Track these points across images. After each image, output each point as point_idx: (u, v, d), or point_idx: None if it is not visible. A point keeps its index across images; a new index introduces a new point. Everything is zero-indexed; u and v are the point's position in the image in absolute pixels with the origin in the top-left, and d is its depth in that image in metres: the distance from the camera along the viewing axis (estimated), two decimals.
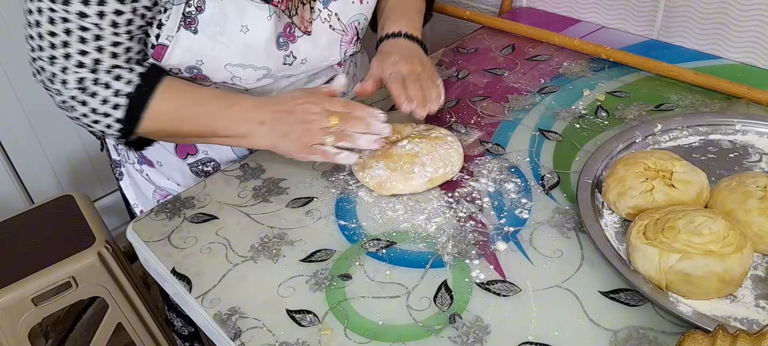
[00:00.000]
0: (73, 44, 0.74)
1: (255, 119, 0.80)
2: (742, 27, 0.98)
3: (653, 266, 0.60)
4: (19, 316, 1.10)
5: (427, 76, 0.87)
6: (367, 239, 0.73)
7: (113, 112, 0.78)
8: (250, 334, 0.63)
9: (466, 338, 0.60)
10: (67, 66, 0.76)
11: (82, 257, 1.13)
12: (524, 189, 0.78)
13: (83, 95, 0.77)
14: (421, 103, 0.83)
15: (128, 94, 0.78)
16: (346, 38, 0.93)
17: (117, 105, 0.78)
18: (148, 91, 0.79)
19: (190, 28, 0.79)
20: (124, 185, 1.08)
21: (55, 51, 0.75)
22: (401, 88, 0.84)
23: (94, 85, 0.77)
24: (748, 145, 0.80)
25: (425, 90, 0.85)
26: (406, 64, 0.88)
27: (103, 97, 0.77)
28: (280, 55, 0.86)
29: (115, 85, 0.77)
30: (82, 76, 0.77)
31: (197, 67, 0.83)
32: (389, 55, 0.90)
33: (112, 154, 1.07)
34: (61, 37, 0.74)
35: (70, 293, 1.13)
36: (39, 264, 1.11)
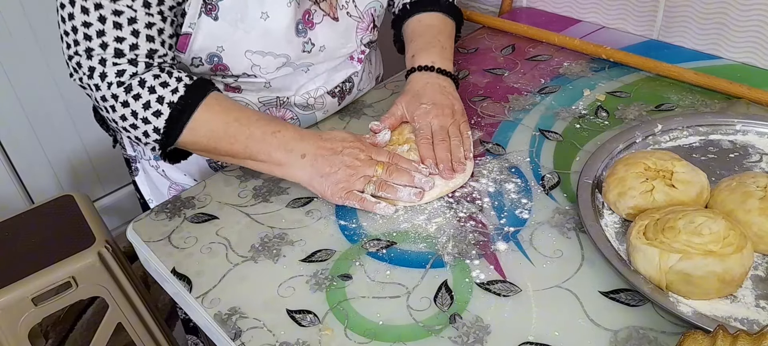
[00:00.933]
0: (108, 32, 0.74)
1: (297, 150, 0.78)
2: (742, 27, 0.98)
3: (653, 266, 0.60)
4: (19, 316, 1.10)
5: (456, 130, 0.84)
6: (368, 239, 0.73)
7: (154, 120, 0.77)
8: (250, 334, 0.63)
9: (466, 338, 0.60)
10: (105, 57, 0.75)
11: (82, 257, 1.13)
12: (524, 189, 0.78)
13: (126, 96, 0.76)
14: (448, 168, 0.79)
15: (171, 103, 0.77)
16: (363, 25, 0.93)
17: (159, 112, 0.77)
18: (192, 103, 0.77)
19: (211, 15, 0.79)
20: (139, 181, 1.09)
21: (91, 43, 0.74)
22: (429, 149, 0.82)
23: (139, 86, 0.76)
24: (749, 146, 0.80)
25: (453, 149, 0.81)
26: (438, 116, 0.85)
27: (145, 100, 0.76)
28: (299, 42, 0.86)
29: (159, 90, 0.76)
30: (122, 69, 0.75)
31: (217, 54, 0.83)
32: (419, 99, 0.87)
33: (128, 150, 1.08)
34: (95, 27, 0.73)
35: (70, 293, 1.13)
36: (39, 264, 1.11)
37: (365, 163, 0.78)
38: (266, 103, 0.93)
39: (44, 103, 1.69)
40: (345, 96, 1.00)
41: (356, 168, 0.77)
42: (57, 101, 1.70)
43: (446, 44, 0.96)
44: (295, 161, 0.78)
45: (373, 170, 0.78)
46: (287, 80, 0.92)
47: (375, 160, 0.79)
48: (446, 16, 1.00)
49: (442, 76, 0.91)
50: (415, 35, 0.97)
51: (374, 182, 0.77)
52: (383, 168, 0.78)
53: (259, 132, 0.79)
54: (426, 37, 0.96)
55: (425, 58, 0.93)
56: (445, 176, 0.79)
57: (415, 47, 0.95)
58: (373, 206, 0.76)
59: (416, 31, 0.97)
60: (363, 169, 0.77)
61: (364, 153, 0.79)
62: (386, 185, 0.77)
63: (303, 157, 0.78)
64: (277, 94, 0.93)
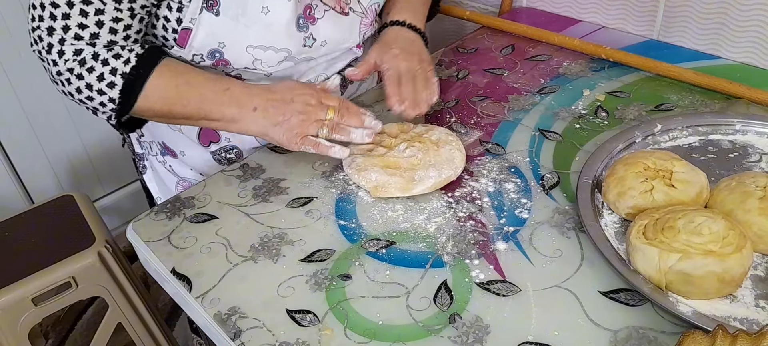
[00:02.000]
0: (73, 16, 0.75)
1: (248, 104, 0.81)
2: (742, 27, 0.98)
3: (653, 266, 0.60)
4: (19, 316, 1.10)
5: (423, 75, 0.89)
6: (367, 239, 0.73)
7: (108, 91, 0.79)
8: (250, 334, 0.63)
9: (466, 338, 0.60)
10: (65, 37, 0.76)
11: (82, 257, 1.13)
12: (524, 189, 0.78)
13: (80, 68, 0.78)
14: (412, 104, 0.85)
15: (123, 74, 0.78)
16: (366, 21, 0.94)
17: (112, 83, 0.78)
18: (144, 72, 0.79)
19: (212, 10, 0.80)
20: (147, 178, 1.10)
21: (54, 23, 0.76)
22: (395, 87, 0.86)
23: (93, 59, 0.78)
24: (748, 145, 0.80)
25: (418, 91, 0.87)
26: (405, 59, 0.89)
27: (99, 73, 0.78)
28: (300, 36, 0.87)
29: (112, 62, 0.78)
30: (79, 49, 0.77)
31: (219, 50, 0.84)
32: (389, 46, 0.91)
33: (136, 148, 1.08)
34: (62, 9, 0.75)
35: (70, 293, 1.13)
36: (39, 264, 1.11)
37: (317, 108, 0.80)
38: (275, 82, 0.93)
39: (44, 103, 1.69)
40: (347, 85, 1.00)
41: (308, 113, 0.80)
42: (57, 101, 1.70)
43: (419, 9, 1.01)
44: (247, 115, 0.81)
45: (325, 114, 0.80)
46: (288, 71, 0.93)
47: (326, 104, 0.81)
48: None
49: (412, 31, 0.96)
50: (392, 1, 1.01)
51: (327, 125, 0.80)
52: (334, 112, 0.81)
53: (210, 91, 0.81)
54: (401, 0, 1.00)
55: (398, 15, 0.98)
56: (410, 113, 0.84)
57: (389, 6, 1.00)
58: (328, 150, 0.80)
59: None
60: (315, 113, 0.80)
61: (314, 98, 0.81)
62: (339, 127, 0.80)
63: (254, 110, 0.80)
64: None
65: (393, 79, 0.88)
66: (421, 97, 0.87)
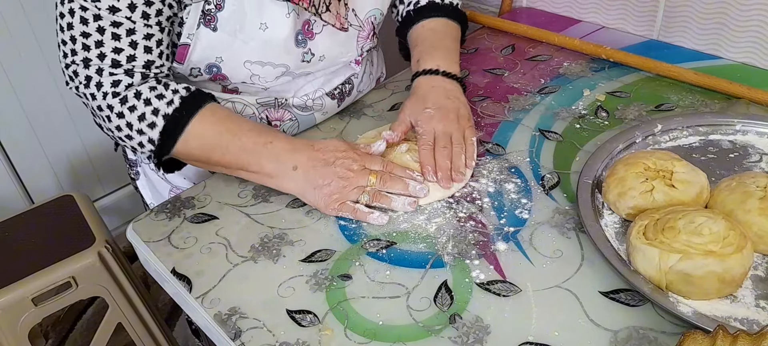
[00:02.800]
0: (106, 42, 0.74)
1: (288, 162, 0.78)
2: (742, 27, 0.98)
3: (653, 267, 0.60)
4: (19, 316, 1.10)
5: (459, 136, 0.83)
6: (367, 239, 0.73)
7: (148, 131, 0.77)
8: (250, 334, 0.63)
9: (466, 339, 0.60)
10: (102, 67, 0.75)
11: (82, 257, 1.13)
12: (524, 189, 0.78)
13: (121, 106, 0.77)
14: (445, 177, 0.78)
15: (165, 115, 0.77)
16: (363, 34, 0.93)
17: (153, 124, 0.77)
18: (187, 115, 0.77)
19: (210, 26, 0.79)
20: (140, 185, 1.09)
21: (88, 53, 0.75)
22: (430, 155, 0.80)
23: (135, 98, 0.77)
24: (748, 146, 0.80)
25: (454, 157, 0.80)
26: (441, 119, 0.83)
27: (141, 112, 0.77)
28: (298, 52, 0.86)
29: (155, 102, 0.77)
30: (117, 79, 0.76)
31: (216, 65, 0.83)
32: (424, 103, 0.86)
33: (129, 154, 1.08)
34: (94, 37, 0.74)
35: (70, 293, 1.13)
36: (39, 264, 1.11)
37: (358, 174, 0.77)
38: (265, 105, 0.93)
39: (44, 103, 1.69)
40: (344, 97, 0.99)
41: (349, 179, 0.76)
42: (57, 101, 1.70)
43: (452, 47, 0.95)
44: (287, 173, 0.78)
45: (367, 180, 0.77)
46: (286, 85, 0.92)
47: (368, 169, 0.78)
48: (450, 20, 0.99)
49: (448, 80, 0.90)
50: (420, 40, 0.96)
51: (368, 192, 0.76)
52: (377, 177, 0.77)
53: (251, 143, 0.78)
54: (430, 40, 0.95)
55: (430, 62, 0.91)
56: (443, 185, 0.78)
57: (419, 52, 0.94)
58: (366, 216, 0.75)
59: (421, 36, 0.97)
60: (356, 179, 0.76)
61: (357, 163, 0.77)
62: (380, 195, 0.76)
63: (295, 169, 0.78)
64: (276, 96, 0.93)
65: (427, 144, 0.81)
66: (457, 164, 0.80)
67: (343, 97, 0.99)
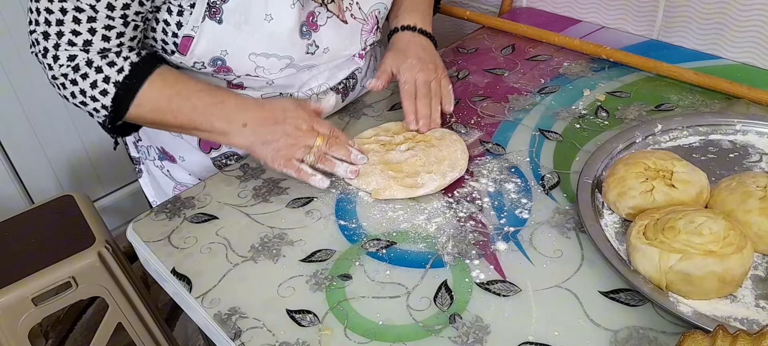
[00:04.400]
0: (66, 23, 0.76)
1: (238, 119, 0.81)
2: (742, 27, 0.98)
3: (653, 266, 0.60)
4: (19, 316, 1.10)
5: (437, 84, 0.91)
6: (367, 239, 0.73)
7: (101, 98, 0.79)
8: (250, 334, 0.63)
9: (466, 338, 0.60)
10: (59, 43, 0.77)
11: (82, 257, 1.13)
12: (524, 189, 0.78)
13: (74, 74, 0.78)
14: (427, 122, 0.86)
15: (116, 83, 0.79)
16: (367, 27, 0.94)
17: (105, 91, 0.79)
18: (137, 82, 0.79)
19: (215, 18, 0.80)
20: (143, 182, 1.09)
21: (49, 28, 0.76)
22: (412, 102, 0.88)
23: (86, 66, 0.78)
24: (748, 146, 0.80)
25: (435, 106, 0.88)
26: (422, 69, 0.90)
27: (92, 80, 0.79)
28: (303, 44, 0.86)
29: (106, 70, 0.79)
30: (73, 54, 0.78)
31: (221, 58, 0.83)
32: (405, 54, 0.92)
33: (131, 152, 1.08)
34: (56, 15, 0.75)
35: (70, 293, 1.13)
36: (39, 264, 1.11)
37: (306, 134, 0.80)
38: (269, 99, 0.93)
39: (44, 103, 1.69)
40: (348, 92, 1.00)
41: (297, 138, 0.80)
42: (57, 101, 1.70)
43: (427, 11, 1.02)
44: (237, 130, 0.81)
45: (313, 141, 0.80)
46: (291, 78, 0.92)
47: (316, 130, 0.81)
48: None
49: (423, 36, 0.97)
50: (398, 3, 1.01)
51: (314, 152, 0.80)
52: (323, 140, 0.80)
53: (201, 104, 0.81)
54: (408, 2, 1.01)
55: (408, 19, 0.98)
56: (423, 130, 0.86)
57: (396, 9, 1.00)
58: (308, 177, 0.80)
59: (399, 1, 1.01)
60: (303, 139, 0.80)
61: (306, 123, 0.81)
62: (325, 158, 0.81)
63: (244, 126, 0.81)
64: (281, 90, 0.94)
65: (410, 93, 0.88)
66: (435, 114, 0.88)
67: (347, 92, 1.00)
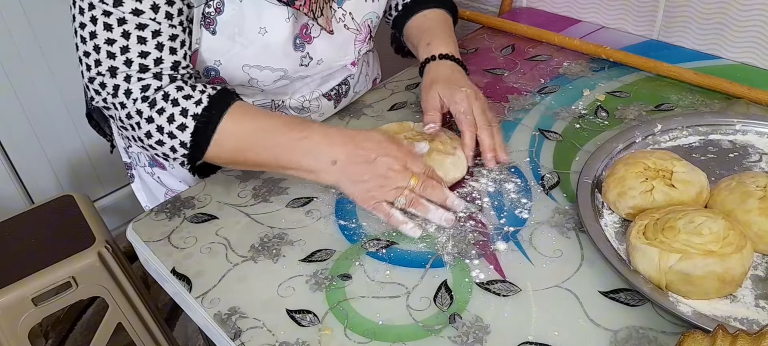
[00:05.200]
0: (132, 47, 0.73)
1: (327, 157, 0.74)
2: (742, 27, 0.98)
3: (653, 266, 0.60)
4: (19, 316, 1.10)
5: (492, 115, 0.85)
6: (367, 239, 0.73)
7: (179, 134, 0.75)
8: (250, 334, 0.63)
9: (466, 338, 0.60)
10: (130, 74, 0.74)
11: (82, 257, 1.13)
12: (524, 189, 0.78)
13: (150, 111, 0.75)
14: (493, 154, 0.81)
15: (195, 115, 0.75)
16: (360, 37, 0.93)
17: (184, 126, 0.75)
18: (216, 114, 0.75)
19: (209, 29, 0.79)
20: (135, 188, 1.08)
21: (114, 61, 0.73)
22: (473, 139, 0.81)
23: (163, 100, 0.75)
24: (748, 145, 0.80)
25: (496, 136, 0.82)
26: (476, 99, 0.84)
27: (170, 113, 0.74)
28: (297, 56, 0.85)
29: (183, 103, 0.75)
30: (146, 84, 0.74)
31: (215, 68, 0.82)
32: (456, 83, 0.85)
33: (123, 157, 1.08)
34: (119, 43, 0.72)
35: (70, 293, 1.13)
36: (39, 264, 1.11)
37: (399, 174, 0.73)
38: (261, 107, 0.92)
39: (44, 103, 1.69)
40: (341, 99, 0.99)
41: (389, 179, 0.73)
42: (57, 101, 1.70)
43: (454, 38, 0.97)
44: (326, 168, 0.75)
45: (407, 182, 0.73)
46: (283, 87, 0.92)
47: (410, 170, 0.74)
48: (445, 11, 1.02)
49: (457, 65, 0.91)
50: (425, 28, 0.97)
51: (406, 195, 0.73)
52: (417, 180, 0.73)
53: (285, 139, 0.75)
54: (436, 29, 0.96)
55: (443, 48, 0.92)
56: (489, 165, 0.80)
57: (429, 37, 0.94)
58: (400, 225, 0.73)
59: (425, 25, 0.97)
60: (396, 180, 0.73)
61: (399, 163, 0.74)
62: (418, 201, 0.73)
63: (334, 163, 0.74)
64: (272, 98, 0.93)
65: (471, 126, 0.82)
66: (499, 142, 0.82)
67: (340, 98, 0.99)
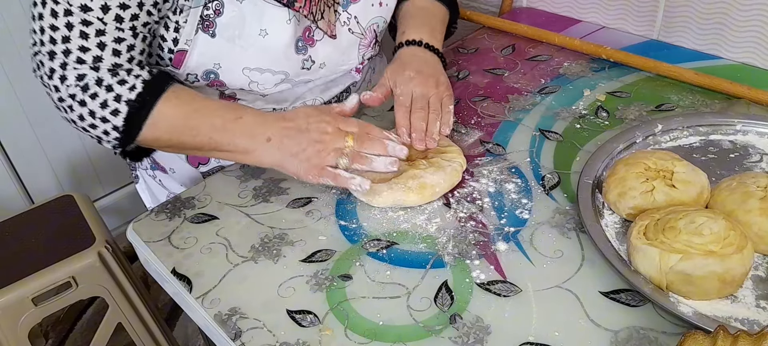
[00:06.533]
0: (73, 39, 0.72)
1: (261, 135, 0.76)
2: (742, 27, 0.98)
3: (654, 267, 0.60)
4: (19, 316, 1.10)
5: (437, 101, 0.84)
6: (368, 240, 0.73)
7: (112, 118, 0.75)
8: (250, 334, 0.63)
9: (466, 339, 0.60)
10: (67, 62, 0.73)
11: (82, 257, 1.13)
12: (525, 189, 0.78)
13: (83, 94, 0.74)
14: (419, 137, 0.80)
15: (128, 101, 0.74)
16: (365, 42, 0.92)
17: (117, 111, 0.75)
18: (151, 99, 0.75)
19: (208, 32, 0.77)
20: (139, 188, 1.08)
21: (55, 46, 0.73)
22: (405, 117, 0.82)
23: (96, 85, 0.74)
24: (749, 146, 0.80)
25: (430, 122, 0.81)
26: (421, 83, 0.84)
27: (103, 99, 0.74)
28: (298, 59, 0.84)
29: (117, 88, 0.74)
30: (82, 73, 0.74)
31: (214, 71, 0.81)
32: (405, 68, 0.86)
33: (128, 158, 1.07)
34: (61, 32, 0.72)
35: (70, 293, 1.13)
36: (39, 264, 1.11)
37: (334, 136, 0.75)
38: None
39: (44, 103, 1.68)
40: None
41: (325, 142, 0.75)
42: None
43: (437, 27, 0.96)
44: (261, 146, 0.76)
45: (344, 142, 0.75)
46: (285, 93, 0.91)
47: (344, 131, 0.76)
48: (441, 3, 1.00)
49: (429, 52, 0.91)
50: (408, 16, 0.96)
51: (346, 154, 0.75)
52: (353, 139, 0.75)
53: (220, 121, 0.76)
54: (418, 17, 0.96)
55: (414, 34, 0.92)
56: (416, 146, 0.79)
57: (405, 25, 0.95)
58: (348, 181, 0.74)
59: (409, 12, 0.97)
60: (333, 142, 0.75)
61: (331, 126, 0.76)
62: (359, 156, 0.75)
63: (268, 140, 0.76)
64: (274, 105, 0.92)
65: (403, 105, 0.82)
66: (431, 129, 0.80)
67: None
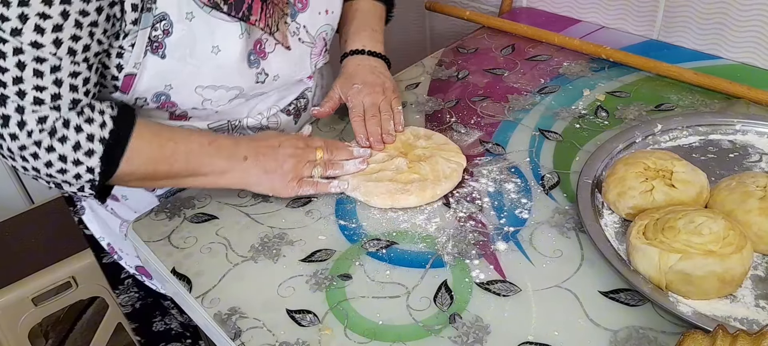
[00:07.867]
0: (27, 79, 0.65)
1: (237, 154, 0.78)
2: (742, 27, 0.98)
3: (653, 266, 0.60)
4: (19, 316, 1.10)
5: (386, 106, 0.90)
6: (367, 239, 0.73)
7: (86, 160, 0.70)
8: (250, 334, 0.63)
9: (466, 338, 0.60)
10: (23, 105, 0.66)
11: (82, 257, 1.13)
12: (524, 189, 0.78)
13: (51, 139, 0.68)
14: (376, 141, 0.86)
15: (102, 139, 0.70)
16: (316, 50, 0.91)
17: (91, 151, 0.70)
18: (124, 134, 0.72)
19: (158, 53, 0.74)
20: (86, 219, 1.02)
21: (5, 89, 0.65)
22: (361, 125, 0.88)
23: (64, 127, 0.68)
24: (748, 146, 0.80)
25: (384, 124, 0.88)
26: (368, 93, 0.91)
27: (74, 141, 0.69)
28: (252, 73, 0.83)
29: (87, 128, 0.70)
30: (43, 116, 0.67)
31: (165, 93, 0.78)
32: (352, 79, 0.93)
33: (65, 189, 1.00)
34: (12, 73, 0.64)
35: (70, 293, 1.13)
36: (39, 264, 1.11)
37: (306, 150, 0.81)
38: (218, 129, 0.89)
39: None
40: (300, 113, 0.96)
41: (299, 156, 0.80)
42: None
43: (376, 28, 1.01)
44: (238, 165, 0.78)
45: (315, 154, 0.81)
46: (239, 106, 0.88)
47: (313, 146, 0.82)
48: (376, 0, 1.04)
49: (373, 58, 0.97)
50: (347, 21, 1.00)
51: (319, 164, 0.81)
52: (322, 150, 0.82)
53: (197, 145, 0.77)
54: (357, 22, 1.00)
55: (356, 43, 0.98)
56: (376, 147, 0.86)
57: (346, 32, 1.00)
58: (327, 187, 0.80)
59: (347, 17, 1.00)
60: (305, 155, 0.81)
61: (300, 141, 0.82)
62: (331, 163, 0.82)
63: (245, 159, 0.78)
64: (228, 118, 0.89)
65: (358, 115, 0.89)
66: (386, 128, 0.88)
67: (299, 112, 0.96)
